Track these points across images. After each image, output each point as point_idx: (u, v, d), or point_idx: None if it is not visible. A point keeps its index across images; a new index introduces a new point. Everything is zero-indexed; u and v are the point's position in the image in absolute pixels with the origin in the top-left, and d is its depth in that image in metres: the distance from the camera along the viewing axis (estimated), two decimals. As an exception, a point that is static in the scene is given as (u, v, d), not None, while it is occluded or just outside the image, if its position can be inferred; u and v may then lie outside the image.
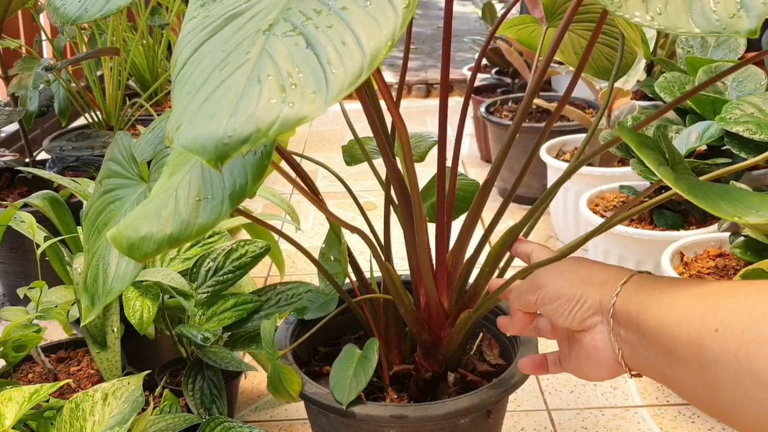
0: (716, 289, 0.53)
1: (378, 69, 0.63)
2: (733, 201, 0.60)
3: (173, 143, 0.43)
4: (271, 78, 0.44)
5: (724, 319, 0.49)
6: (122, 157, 0.79)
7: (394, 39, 0.45)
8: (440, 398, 0.89)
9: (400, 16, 0.46)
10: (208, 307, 1.09)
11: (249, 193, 0.57)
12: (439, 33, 4.65)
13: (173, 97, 0.47)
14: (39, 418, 0.85)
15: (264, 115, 0.43)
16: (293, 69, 0.45)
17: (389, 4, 0.46)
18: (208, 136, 0.43)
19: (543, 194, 0.84)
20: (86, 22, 0.64)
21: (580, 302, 0.63)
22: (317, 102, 0.43)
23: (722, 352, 0.49)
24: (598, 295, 0.62)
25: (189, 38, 0.51)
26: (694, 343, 0.51)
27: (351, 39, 0.45)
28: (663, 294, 0.56)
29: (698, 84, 1.43)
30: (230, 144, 0.42)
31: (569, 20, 0.72)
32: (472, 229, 0.87)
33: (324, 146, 2.61)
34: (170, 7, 2.16)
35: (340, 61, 0.44)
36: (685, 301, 0.54)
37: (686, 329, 0.52)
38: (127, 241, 0.59)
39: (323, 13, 0.47)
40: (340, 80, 0.44)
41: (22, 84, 1.58)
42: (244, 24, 0.49)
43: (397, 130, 0.70)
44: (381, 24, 0.46)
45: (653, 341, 0.56)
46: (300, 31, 0.47)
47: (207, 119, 0.43)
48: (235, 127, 0.43)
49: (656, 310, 0.56)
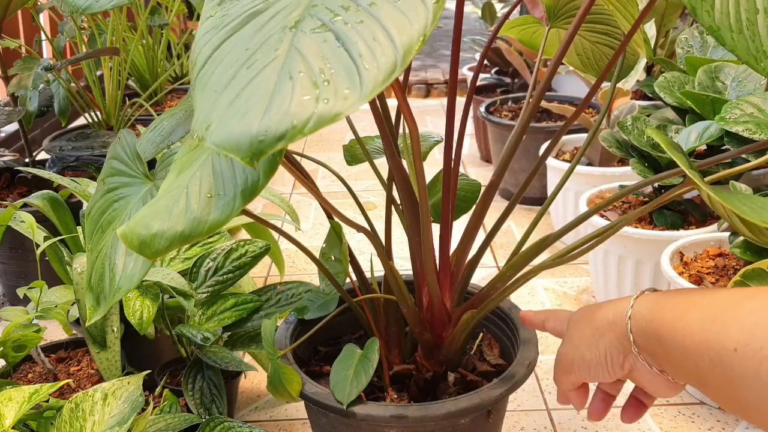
0: (723, 307, 0.54)
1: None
2: (757, 208, 0.61)
3: (205, 142, 0.43)
4: (303, 75, 0.44)
5: (739, 338, 0.50)
6: (126, 155, 0.79)
7: (425, 34, 0.45)
8: (440, 398, 0.89)
9: (431, 11, 0.45)
10: (208, 307, 1.09)
11: (261, 189, 0.57)
12: (440, 33, 4.65)
13: (194, 96, 0.47)
14: (39, 418, 0.85)
15: (299, 112, 0.43)
16: (324, 65, 0.44)
17: (419, 0, 0.46)
18: (242, 134, 0.42)
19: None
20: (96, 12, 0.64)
21: (608, 356, 0.64)
22: (351, 98, 0.43)
23: (745, 371, 0.49)
24: (616, 338, 0.63)
25: (208, 37, 0.50)
26: (717, 366, 0.52)
27: (382, 34, 0.45)
28: (674, 321, 0.57)
29: (698, 84, 1.43)
30: (266, 141, 0.42)
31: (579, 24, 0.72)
32: (475, 231, 0.88)
33: (324, 146, 2.61)
34: (170, 7, 2.16)
35: (372, 57, 0.44)
36: (698, 325, 0.54)
37: (707, 351, 0.53)
38: (138, 238, 0.59)
39: (351, 9, 0.47)
40: (374, 75, 0.43)
41: (21, 84, 1.58)
42: (267, 21, 0.49)
43: (408, 129, 0.69)
44: (412, 19, 0.45)
45: (682, 367, 0.57)
46: (329, 27, 0.46)
47: (239, 117, 0.43)
48: (270, 125, 0.42)
49: (674, 338, 0.57)
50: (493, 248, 1.80)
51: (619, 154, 1.50)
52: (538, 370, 1.33)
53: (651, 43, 1.83)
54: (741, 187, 1.17)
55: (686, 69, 1.55)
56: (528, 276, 0.83)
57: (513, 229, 1.91)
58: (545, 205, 0.88)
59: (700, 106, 1.40)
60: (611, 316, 0.64)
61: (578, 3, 0.93)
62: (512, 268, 0.86)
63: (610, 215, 1.49)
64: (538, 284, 1.62)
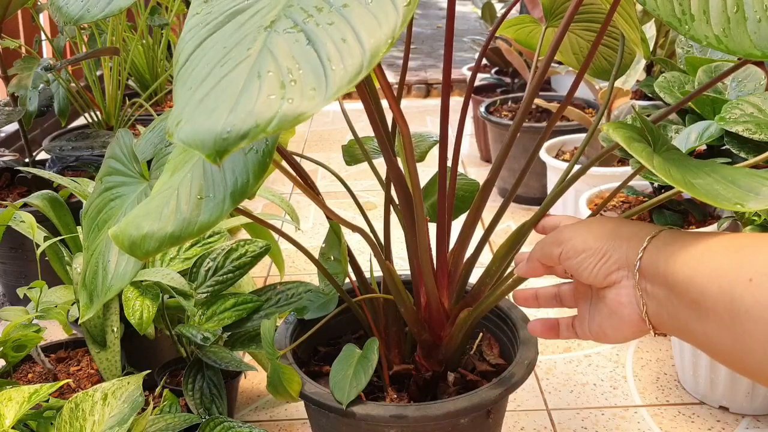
0: (752, 240, 0.51)
1: (380, 67, 0.63)
2: (727, 184, 0.59)
3: (173, 138, 0.44)
4: (272, 74, 0.45)
5: (759, 268, 0.48)
6: (123, 155, 0.79)
7: (394, 37, 0.45)
8: (440, 398, 0.89)
9: (401, 15, 0.46)
10: (208, 306, 1.09)
11: (250, 192, 0.57)
12: (439, 33, 4.65)
13: (175, 93, 0.47)
14: (39, 418, 0.85)
15: (263, 111, 0.43)
16: (293, 65, 0.45)
17: (390, 2, 0.46)
18: (208, 131, 0.43)
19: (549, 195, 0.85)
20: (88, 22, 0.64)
21: (606, 255, 0.61)
22: (316, 98, 0.43)
23: (756, 302, 0.47)
24: (625, 248, 0.60)
25: (191, 34, 0.51)
26: (726, 294, 0.49)
27: (351, 36, 0.45)
28: (695, 245, 0.54)
29: (698, 84, 1.43)
30: (229, 139, 0.42)
31: (569, 21, 0.72)
32: (472, 229, 0.88)
33: (324, 146, 2.61)
34: (170, 6, 2.16)
35: (339, 58, 0.44)
36: (719, 252, 0.52)
37: (718, 279, 0.50)
38: (129, 239, 0.59)
39: (324, 11, 0.47)
40: (340, 77, 0.44)
41: (21, 84, 1.58)
42: (247, 20, 0.49)
43: (399, 129, 0.70)
44: (381, 22, 0.46)
45: (682, 294, 0.54)
46: (301, 27, 0.47)
47: (207, 114, 0.44)
48: (234, 123, 0.43)
49: (687, 261, 0.54)
50: (492, 247, 1.80)
51: (619, 154, 1.50)
52: (538, 369, 1.33)
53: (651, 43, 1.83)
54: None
55: (686, 69, 1.55)
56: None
57: (513, 228, 1.91)
58: (545, 205, 0.87)
59: (700, 106, 1.40)
60: (634, 230, 0.61)
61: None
62: (497, 260, 0.86)
63: (610, 215, 1.49)
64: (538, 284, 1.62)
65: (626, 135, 0.63)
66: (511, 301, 1.00)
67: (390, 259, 0.92)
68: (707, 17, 0.53)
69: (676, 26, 0.53)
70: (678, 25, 0.53)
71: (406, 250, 0.89)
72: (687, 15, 0.53)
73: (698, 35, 0.53)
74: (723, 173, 0.61)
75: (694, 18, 0.53)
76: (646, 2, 0.53)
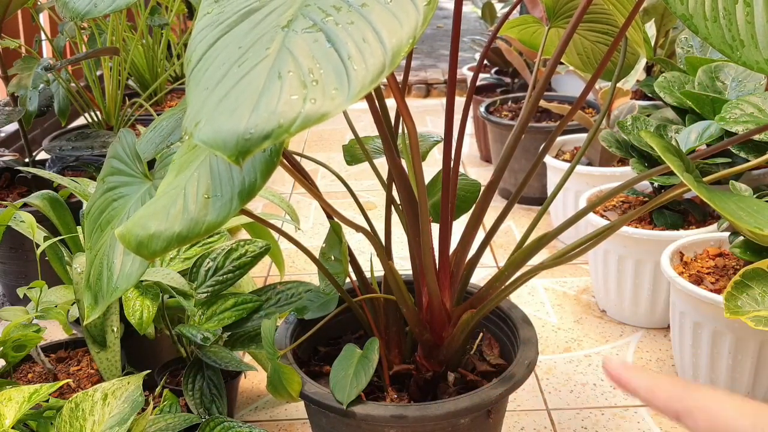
0: None
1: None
2: (752, 212, 0.61)
3: (193, 139, 0.43)
4: (292, 74, 0.44)
5: None
6: (125, 154, 0.79)
7: (415, 36, 0.45)
8: (440, 398, 0.89)
9: (422, 14, 0.46)
10: (208, 306, 1.09)
11: (258, 191, 0.57)
12: (439, 33, 4.65)
13: (188, 93, 0.47)
14: (39, 418, 0.85)
15: (286, 111, 0.43)
16: (314, 65, 0.44)
17: (410, 2, 0.46)
18: (229, 132, 0.42)
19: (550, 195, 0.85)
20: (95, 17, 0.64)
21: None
22: (339, 98, 0.43)
23: None
24: None
25: (204, 34, 0.50)
26: None
27: (372, 36, 0.45)
28: None
29: (698, 83, 1.43)
30: (252, 140, 0.42)
31: (576, 23, 0.72)
32: (475, 230, 0.88)
33: (324, 146, 2.61)
34: (170, 6, 2.16)
35: (361, 58, 0.44)
36: None
37: None
38: (136, 239, 0.59)
39: (343, 10, 0.47)
40: (362, 77, 0.44)
41: (21, 84, 1.58)
42: (262, 20, 0.49)
43: (406, 129, 0.69)
44: (402, 21, 0.45)
45: None
46: (320, 27, 0.46)
47: (227, 115, 0.43)
48: (257, 123, 0.42)
49: None
50: (493, 248, 1.80)
51: (619, 154, 1.50)
52: (538, 370, 1.33)
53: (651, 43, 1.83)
54: (741, 187, 1.17)
55: (686, 69, 1.55)
56: (527, 276, 0.83)
57: (513, 229, 1.91)
58: (545, 205, 0.88)
59: (700, 106, 1.40)
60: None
61: (577, 2, 0.93)
62: (511, 266, 0.86)
63: (610, 215, 1.49)
64: (538, 284, 1.62)
65: (663, 145, 0.65)
66: (511, 301, 1.00)
67: (391, 259, 0.92)
68: (755, 42, 0.54)
69: (729, 53, 0.54)
70: (730, 52, 0.54)
71: (405, 250, 0.88)
72: (737, 41, 0.54)
73: (750, 61, 0.54)
74: (749, 203, 0.63)
75: (743, 44, 0.54)
76: (699, 30, 0.54)
